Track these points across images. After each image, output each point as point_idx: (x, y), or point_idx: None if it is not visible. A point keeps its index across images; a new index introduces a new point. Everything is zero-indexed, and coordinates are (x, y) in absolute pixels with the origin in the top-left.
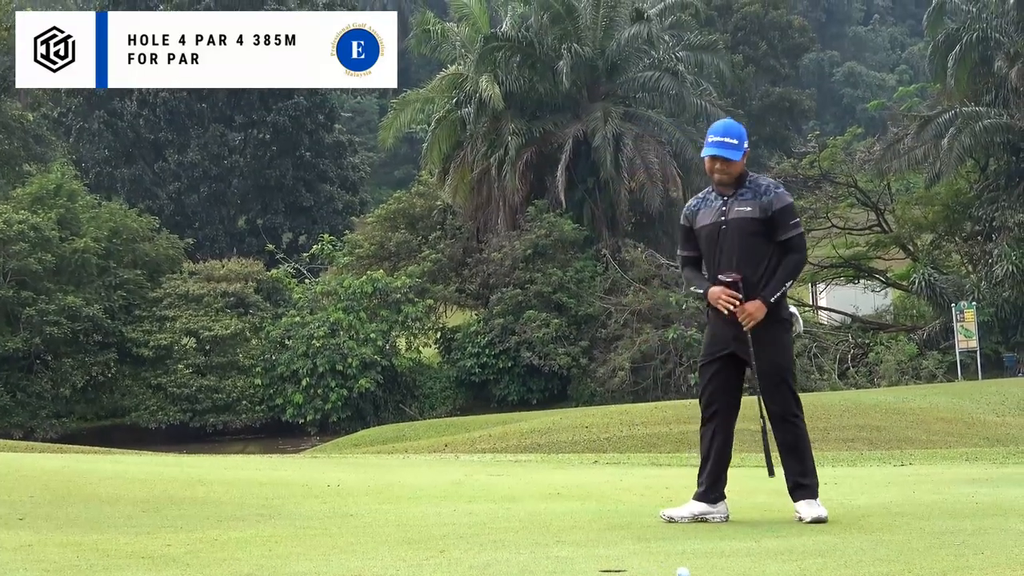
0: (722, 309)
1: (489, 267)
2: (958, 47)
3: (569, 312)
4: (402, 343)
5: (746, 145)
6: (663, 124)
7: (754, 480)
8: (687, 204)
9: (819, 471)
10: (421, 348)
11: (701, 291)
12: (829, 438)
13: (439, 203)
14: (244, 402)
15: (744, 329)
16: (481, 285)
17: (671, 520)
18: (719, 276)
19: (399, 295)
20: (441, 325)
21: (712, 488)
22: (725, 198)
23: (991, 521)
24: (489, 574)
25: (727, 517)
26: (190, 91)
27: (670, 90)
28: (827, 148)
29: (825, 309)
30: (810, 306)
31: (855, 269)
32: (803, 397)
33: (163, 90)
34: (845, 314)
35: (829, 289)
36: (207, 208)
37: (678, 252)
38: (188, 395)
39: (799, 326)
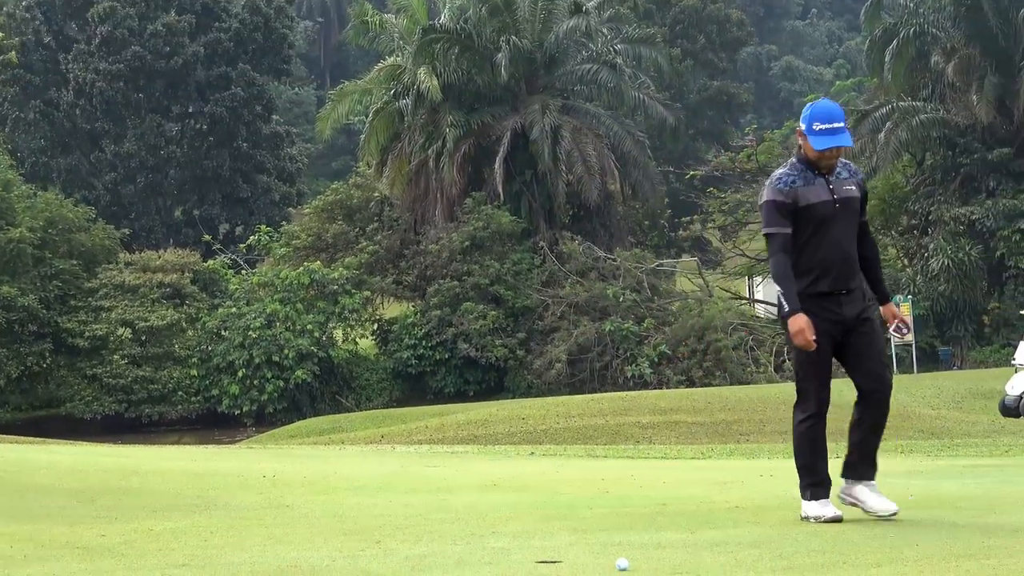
0: (802, 343)
1: (426, 259)
2: (895, 42)
3: (506, 304)
4: (339, 334)
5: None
6: (601, 117)
7: (690, 471)
8: (779, 179)
9: (754, 463)
10: (358, 339)
11: (787, 309)
12: (765, 431)
13: (376, 195)
14: (180, 393)
15: (892, 330)
16: (418, 277)
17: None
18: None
19: (336, 286)
20: (378, 316)
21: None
22: (825, 176)
23: (925, 513)
24: (425, 565)
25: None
26: (127, 81)
27: (608, 83)
28: (764, 142)
29: (761, 302)
30: (746, 299)
31: None
32: (740, 390)
33: (100, 80)
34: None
35: (766, 282)
36: (143, 198)
37: (772, 230)
38: (123, 386)
39: None
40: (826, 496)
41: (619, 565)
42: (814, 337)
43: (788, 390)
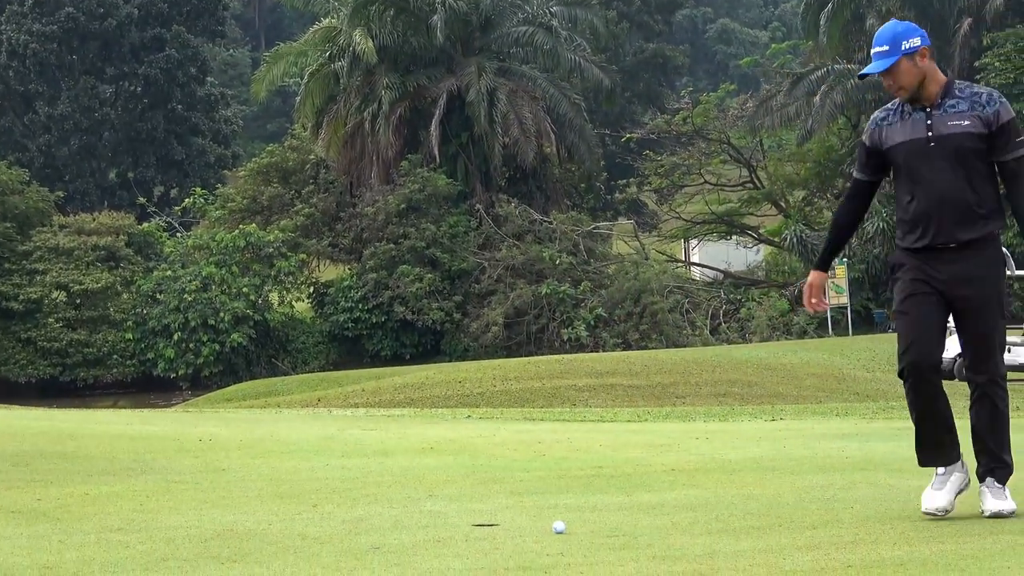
0: (804, 304)
1: (362, 221)
2: (831, 4)
3: (443, 267)
4: (275, 297)
5: (908, 44)
6: (537, 79)
7: (626, 434)
8: (872, 117)
9: (690, 426)
10: (294, 302)
11: (817, 261)
12: (701, 393)
13: (312, 157)
14: (115, 356)
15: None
16: (354, 240)
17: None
18: None
19: (272, 249)
20: (314, 280)
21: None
22: (928, 109)
23: (860, 475)
24: (362, 528)
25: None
26: (60, 42)
27: (544, 45)
28: (700, 105)
29: (697, 265)
30: (682, 262)
31: (727, 225)
32: (676, 353)
33: (33, 41)
34: (717, 270)
35: (701, 245)
36: (78, 161)
37: (853, 171)
38: (58, 349)
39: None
40: (936, 463)
41: (555, 528)
42: (818, 301)
43: (723, 353)
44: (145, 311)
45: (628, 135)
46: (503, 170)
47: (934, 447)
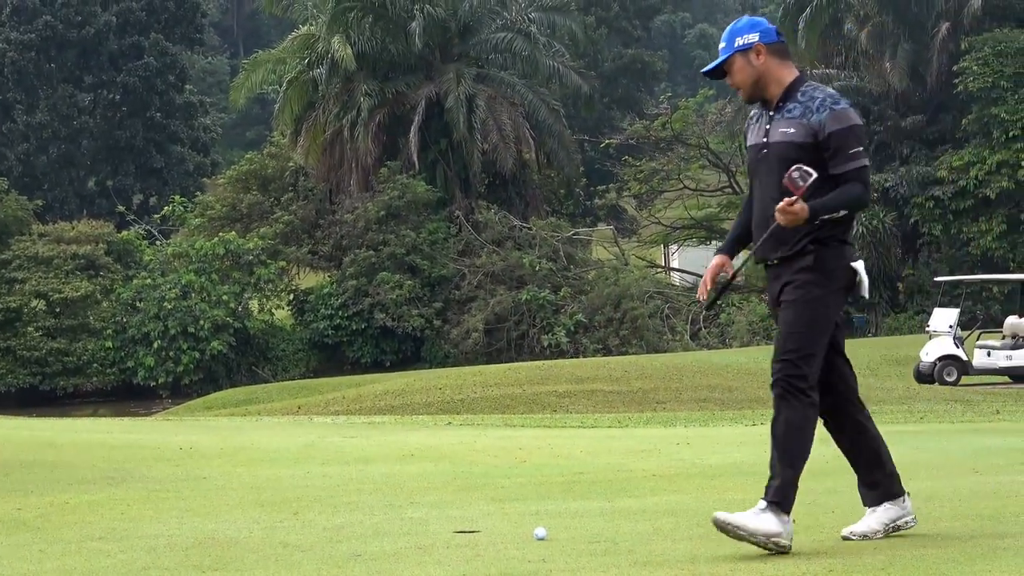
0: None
1: (342, 229)
2: (809, 9)
3: (423, 274)
4: (255, 305)
5: (743, 40)
6: (516, 86)
7: (607, 440)
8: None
9: (671, 431)
10: (274, 310)
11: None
12: (682, 398)
13: (291, 164)
14: (95, 365)
15: (776, 221)
16: (334, 247)
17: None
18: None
19: (251, 257)
20: (294, 287)
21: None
22: (770, 113)
23: (842, 480)
24: (343, 536)
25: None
26: (38, 51)
27: (523, 51)
28: (679, 110)
29: (677, 270)
30: (662, 267)
31: (707, 230)
32: (656, 358)
33: (11, 50)
34: (697, 275)
35: (681, 250)
36: (56, 169)
37: None
38: (38, 358)
39: (862, 287)
40: (871, 501)
41: (537, 534)
42: (702, 294)
43: (703, 358)
44: (125, 319)
45: (607, 141)
46: (482, 176)
47: (865, 488)
